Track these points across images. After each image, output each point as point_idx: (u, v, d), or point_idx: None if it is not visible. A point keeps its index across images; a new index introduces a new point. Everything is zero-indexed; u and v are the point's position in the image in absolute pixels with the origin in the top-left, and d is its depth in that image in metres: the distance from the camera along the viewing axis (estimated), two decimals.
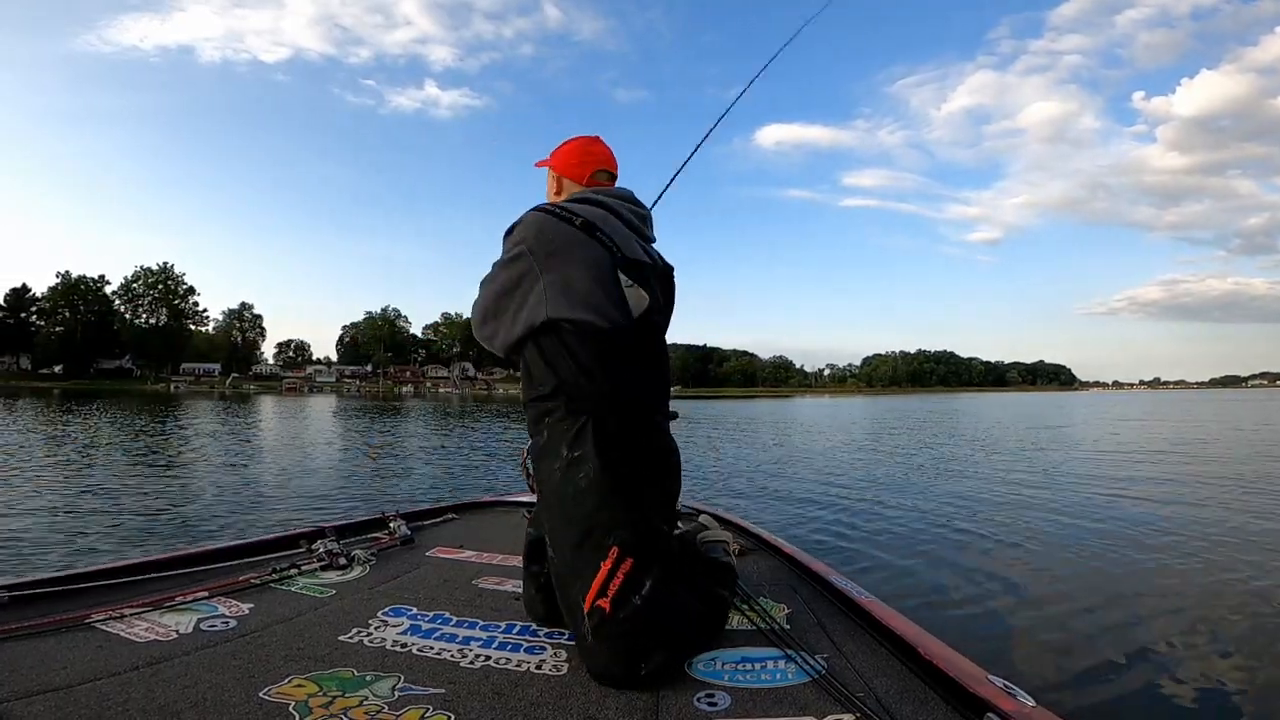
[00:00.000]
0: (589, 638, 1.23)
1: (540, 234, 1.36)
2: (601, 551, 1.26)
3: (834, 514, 5.74)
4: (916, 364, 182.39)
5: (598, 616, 1.22)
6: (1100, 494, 6.69)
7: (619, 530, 1.28)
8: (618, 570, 1.24)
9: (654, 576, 1.27)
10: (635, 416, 1.39)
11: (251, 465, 8.96)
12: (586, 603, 1.24)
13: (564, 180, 1.62)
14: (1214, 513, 5.65)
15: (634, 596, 1.24)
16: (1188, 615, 3.15)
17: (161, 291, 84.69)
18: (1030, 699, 1.05)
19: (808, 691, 1.16)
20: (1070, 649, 2.71)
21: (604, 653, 1.21)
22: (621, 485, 1.33)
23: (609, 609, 1.22)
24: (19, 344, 76.66)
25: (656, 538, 1.36)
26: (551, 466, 1.35)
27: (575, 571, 1.28)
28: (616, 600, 1.23)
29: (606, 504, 1.29)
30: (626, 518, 1.30)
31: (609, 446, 1.33)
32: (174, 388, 70.21)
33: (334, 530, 2.04)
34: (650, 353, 1.45)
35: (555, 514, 1.35)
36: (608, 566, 1.25)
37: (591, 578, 1.25)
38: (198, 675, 1.17)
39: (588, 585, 1.25)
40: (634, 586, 1.24)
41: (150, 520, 5.16)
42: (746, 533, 2.21)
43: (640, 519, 1.33)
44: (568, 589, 1.30)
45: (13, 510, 5.30)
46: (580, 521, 1.29)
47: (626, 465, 1.36)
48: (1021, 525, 5.20)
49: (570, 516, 1.31)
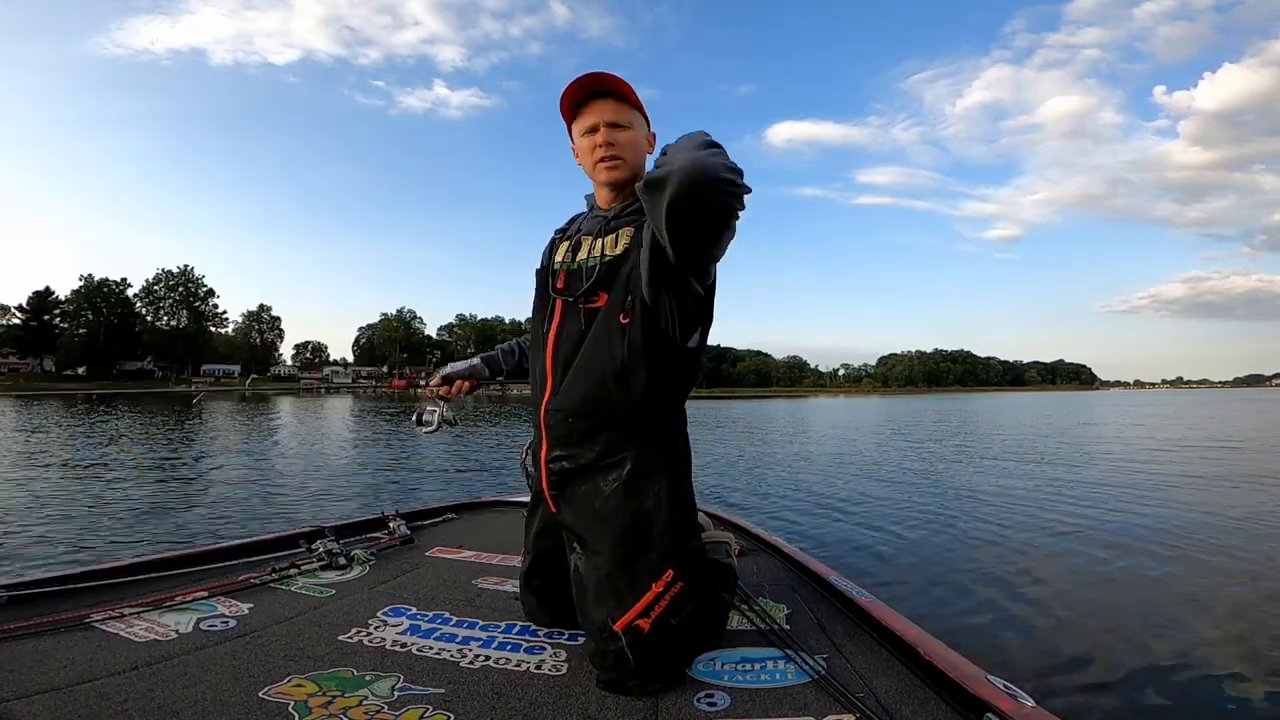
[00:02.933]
0: (618, 652, 1.20)
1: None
2: (656, 573, 1.25)
3: (835, 514, 5.74)
4: (932, 364, 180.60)
5: (633, 635, 1.20)
6: (1102, 495, 6.64)
7: (677, 554, 1.27)
8: (666, 594, 1.24)
9: (695, 603, 1.28)
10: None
11: (260, 465, 9.05)
12: (622, 622, 1.21)
13: (652, 145, 1.43)
14: (1218, 514, 5.58)
15: (673, 619, 1.23)
16: (1188, 616, 3.14)
17: (182, 294, 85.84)
18: (1030, 699, 1.04)
19: (808, 692, 1.16)
20: (1070, 650, 2.70)
21: (626, 669, 1.19)
22: (687, 505, 1.33)
23: (648, 628, 1.21)
24: (42, 346, 77.97)
25: (701, 560, 1.36)
26: (606, 478, 1.31)
27: (614, 590, 1.25)
28: (658, 622, 1.22)
29: (672, 526, 1.28)
30: (688, 543, 1.31)
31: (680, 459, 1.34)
32: (195, 389, 71.05)
33: (334, 530, 2.05)
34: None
35: (602, 531, 1.30)
36: (658, 589, 1.23)
37: (634, 598, 1.23)
38: (197, 675, 1.18)
39: (627, 604, 1.22)
40: (676, 610, 1.24)
41: (157, 519, 5.25)
42: (746, 533, 2.20)
43: (699, 543, 1.33)
44: (601, 602, 1.26)
45: (28, 510, 5.40)
46: (636, 540, 1.27)
47: (688, 481, 1.36)
48: (1022, 526, 5.18)
49: (626, 535, 1.27)
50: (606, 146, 1.34)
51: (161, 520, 5.20)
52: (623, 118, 1.35)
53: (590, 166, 1.38)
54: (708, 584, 1.39)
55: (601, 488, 1.30)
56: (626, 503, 1.27)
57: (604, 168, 1.36)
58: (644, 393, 1.26)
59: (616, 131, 1.35)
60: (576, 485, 1.33)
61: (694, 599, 1.28)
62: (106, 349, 78.78)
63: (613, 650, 1.20)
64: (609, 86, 1.34)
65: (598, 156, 1.36)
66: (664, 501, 1.28)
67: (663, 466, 1.31)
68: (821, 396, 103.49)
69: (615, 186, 1.38)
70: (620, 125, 1.35)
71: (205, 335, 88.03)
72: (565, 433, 1.33)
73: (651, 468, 1.29)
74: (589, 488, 1.31)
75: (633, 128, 1.36)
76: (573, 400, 1.31)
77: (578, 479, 1.33)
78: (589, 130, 1.36)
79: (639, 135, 1.37)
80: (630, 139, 1.36)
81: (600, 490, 1.30)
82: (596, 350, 1.29)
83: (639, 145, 1.38)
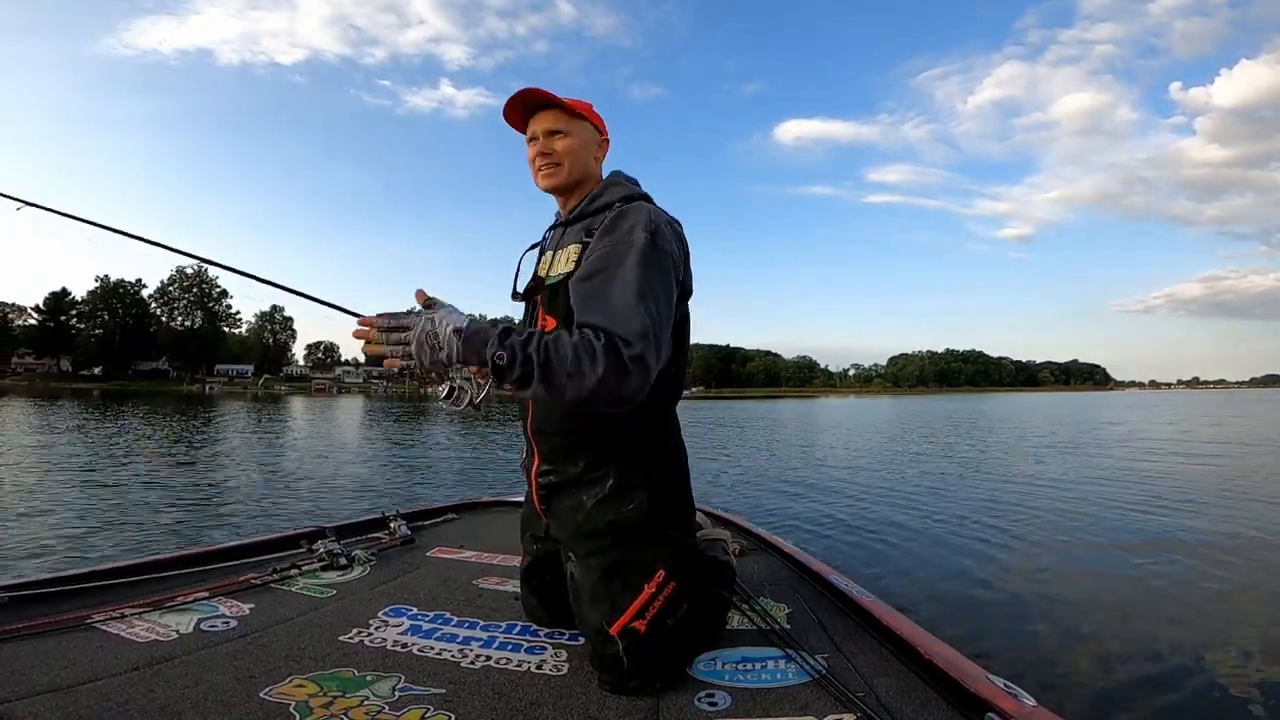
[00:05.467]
0: (615, 655, 1.20)
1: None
2: (648, 575, 1.25)
3: (835, 514, 5.75)
4: (944, 364, 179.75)
5: (630, 638, 1.20)
6: (1103, 496, 6.61)
7: (667, 554, 1.27)
8: (660, 594, 1.24)
9: (691, 601, 1.27)
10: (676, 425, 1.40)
11: (267, 466, 9.15)
12: (617, 625, 1.21)
13: (603, 148, 1.48)
14: (1221, 516, 5.54)
15: (669, 619, 1.23)
16: (1189, 617, 3.13)
17: (196, 295, 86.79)
18: (1031, 699, 1.03)
19: (808, 691, 1.16)
20: (1071, 649, 2.70)
21: (625, 671, 1.19)
22: (677, 506, 1.34)
23: (644, 629, 1.21)
24: (59, 346, 79.14)
25: (695, 558, 1.36)
26: (590, 491, 1.32)
27: (607, 594, 1.25)
28: (653, 622, 1.22)
29: (659, 528, 1.29)
30: (680, 542, 1.32)
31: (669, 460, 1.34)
32: (208, 389, 71.89)
33: (334, 530, 2.05)
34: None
35: (587, 541, 1.31)
36: (650, 590, 1.24)
37: (627, 601, 1.23)
38: (198, 675, 1.18)
39: (621, 608, 1.22)
40: (672, 610, 1.24)
41: (160, 518, 5.31)
42: (747, 532, 2.19)
43: (692, 543, 1.33)
44: (596, 606, 1.25)
45: (34, 509, 5.48)
46: (623, 546, 1.28)
47: (680, 482, 1.36)
48: (1023, 527, 5.17)
49: (612, 545, 1.28)
50: (541, 156, 1.39)
51: (163, 520, 5.26)
52: (559, 126, 1.39)
53: (533, 175, 1.43)
54: (704, 582, 1.38)
55: (584, 501, 1.31)
56: (607, 514, 1.29)
57: (540, 175, 1.41)
58: (618, 419, 1.28)
59: (552, 139, 1.39)
60: (562, 499, 1.36)
61: (690, 598, 1.27)
62: (122, 349, 79.85)
63: (610, 654, 1.20)
64: (542, 100, 1.39)
65: (536, 165, 1.41)
66: (647, 508, 1.29)
67: (646, 476, 1.32)
68: (831, 397, 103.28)
69: (556, 191, 1.44)
70: (557, 133, 1.39)
71: (219, 335, 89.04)
72: (550, 449, 1.37)
73: (634, 481, 1.30)
74: (573, 502, 1.33)
75: (571, 134, 1.39)
76: (552, 423, 1.35)
77: (563, 493, 1.35)
78: (530, 140, 1.42)
79: (577, 141, 1.40)
80: (568, 146, 1.39)
81: (583, 504, 1.31)
82: None
83: (578, 150, 1.41)
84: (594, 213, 1.36)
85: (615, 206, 1.32)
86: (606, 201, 1.36)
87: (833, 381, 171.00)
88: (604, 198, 1.38)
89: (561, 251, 1.36)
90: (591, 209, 1.37)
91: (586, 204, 1.39)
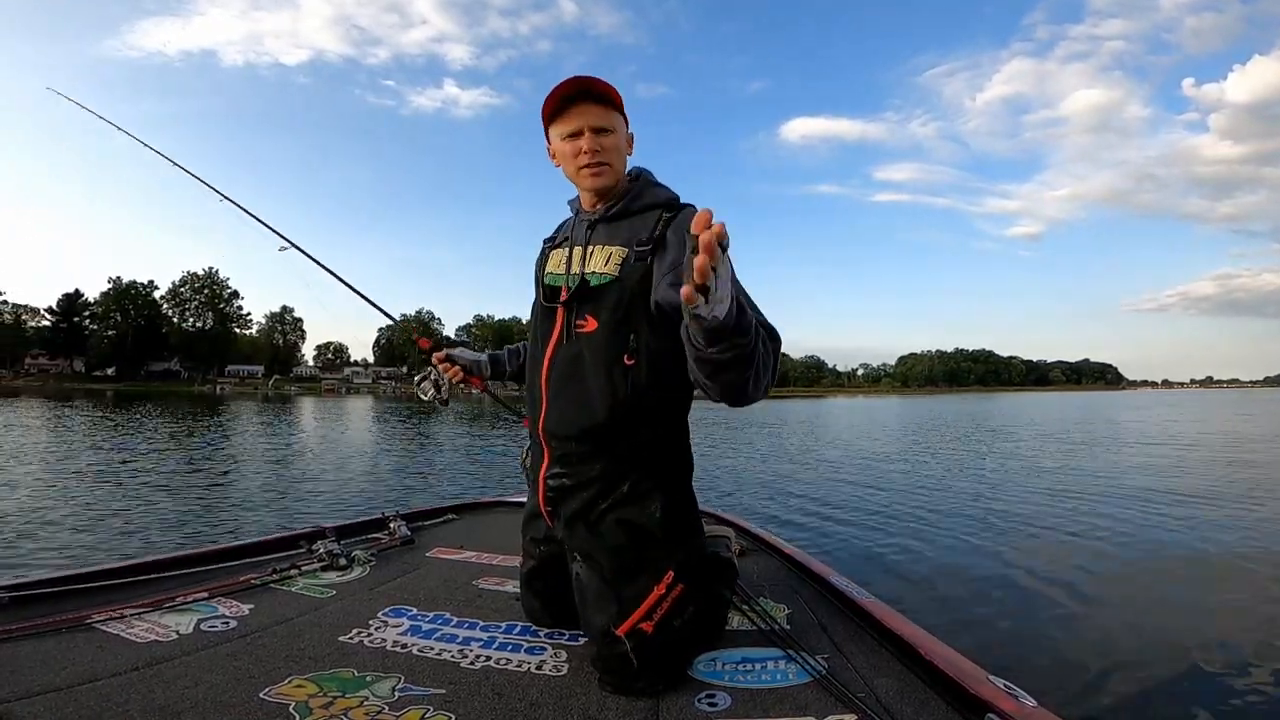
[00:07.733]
0: (622, 655, 1.20)
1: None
2: (657, 576, 1.24)
3: (836, 514, 5.75)
4: (953, 363, 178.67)
5: (637, 639, 1.20)
6: (1105, 497, 6.57)
7: (676, 556, 1.27)
8: (668, 596, 1.23)
9: (697, 603, 1.27)
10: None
11: (273, 466, 9.22)
12: (625, 626, 1.21)
13: (632, 143, 1.43)
14: (1224, 517, 5.49)
15: (676, 621, 1.23)
16: (1190, 617, 3.13)
17: (207, 296, 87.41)
18: (1031, 699, 1.03)
19: (808, 692, 1.16)
20: (1071, 650, 2.69)
21: (631, 671, 1.19)
22: (687, 508, 1.33)
23: (651, 631, 1.21)
24: (72, 347, 79.88)
25: (702, 559, 1.36)
26: (604, 497, 1.31)
27: (615, 595, 1.25)
28: (661, 624, 1.22)
29: (671, 530, 1.29)
30: (688, 542, 1.31)
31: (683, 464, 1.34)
32: (220, 389, 72.41)
33: (334, 530, 2.05)
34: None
35: (599, 545, 1.30)
36: (659, 591, 1.23)
37: (636, 602, 1.23)
38: (198, 676, 1.18)
39: (629, 609, 1.22)
40: (679, 612, 1.24)
41: (164, 518, 5.36)
42: (747, 533, 2.18)
43: (700, 542, 1.33)
44: (603, 607, 1.25)
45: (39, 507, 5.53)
46: (634, 549, 1.27)
47: (688, 485, 1.35)
48: (1024, 527, 5.16)
49: (624, 547, 1.28)
50: (592, 154, 1.33)
51: (166, 519, 5.31)
52: (607, 122, 1.33)
53: (574, 172, 1.37)
54: (709, 582, 1.38)
55: (598, 504, 1.30)
56: (621, 519, 1.28)
57: (589, 174, 1.34)
58: (646, 427, 1.28)
59: (601, 137, 1.33)
60: (572, 503, 1.33)
61: (696, 600, 1.27)
62: (134, 350, 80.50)
63: (617, 654, 1.20)
64: (594, 89, 1.32)
65: (582, 163, 1.34)
66: (661, 511, 1.28)
67: (662, 481, 1.31)
68: (840, 397, 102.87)
69: (600, 192, 1.38)
70: (605, 130, 1.33)
71: (230, 336, 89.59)
72: (564, 453, 1.34)
73: (650, 486, 1.30)
74: (585, 505, 1.31)
75: (615, 132, 1.35)
76: (569, 428, 1.32)
77: (574, 497, 1.33)
78: (572, 134, 1.34)
79: (621, 140, 1.36)
80: (614, 144, 1.34)
81: (596, 507, 1.30)
82: (596, 384, 1.28)
83: (621, 150, 1.37)
84: (637, 212, 1.34)
85: (658, 211, 1.32)
86: (648, 203, 1.35)
87: (841, 381, 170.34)
88: (645, 198, 1.36)
89: (599, 251, 1.33)
90: (634, 208, 1.35)
91: (628, 202, 1.36)
